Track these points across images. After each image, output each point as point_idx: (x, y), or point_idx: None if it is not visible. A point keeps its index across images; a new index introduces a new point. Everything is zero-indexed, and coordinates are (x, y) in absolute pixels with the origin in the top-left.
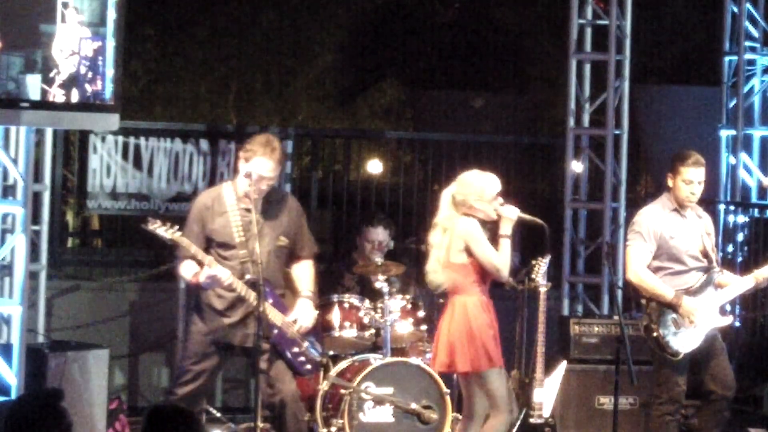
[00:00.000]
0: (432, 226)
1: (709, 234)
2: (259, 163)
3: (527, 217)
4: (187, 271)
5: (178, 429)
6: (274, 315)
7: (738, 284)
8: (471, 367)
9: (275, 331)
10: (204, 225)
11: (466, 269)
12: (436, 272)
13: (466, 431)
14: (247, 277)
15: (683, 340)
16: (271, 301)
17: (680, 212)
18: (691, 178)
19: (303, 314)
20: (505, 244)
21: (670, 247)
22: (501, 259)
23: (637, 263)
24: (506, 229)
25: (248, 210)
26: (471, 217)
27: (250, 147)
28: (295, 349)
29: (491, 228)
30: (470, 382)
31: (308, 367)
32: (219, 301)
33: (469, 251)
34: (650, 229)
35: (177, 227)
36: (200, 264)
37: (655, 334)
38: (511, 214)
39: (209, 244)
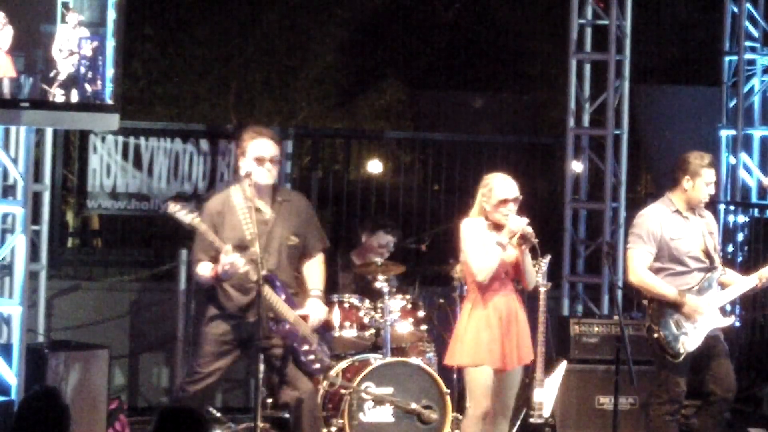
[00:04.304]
0: None
1: (712, 233)
2: (258, 145)
3: (529, 232)
4: (204, 269)
5: (189, 430)
6: (286, 311)
7: (741, 283)
8: (446, 359)
9: (287, 327)
10: (216, 230)
11: (467, 268)
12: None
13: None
14: (263, 273)
15: (684, 342)
16: (283, 297)
17: (682, 213)
18: (711, 180)
19: (314, 310)
20: (495, 251)
21: (671, 249)
22: (479, 261)
23: (638, 265)
24: (502, 237)
25: (258, 210)
26: (485, 218)
27: (241, 140)
28: (305, 347)
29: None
30: None
31: (317, 366)
32: (232, 304)
33: None
34: (650, 231)
35: (196, 213)
36: (215, 260)
37: (656, 335)
38: (512, 225)
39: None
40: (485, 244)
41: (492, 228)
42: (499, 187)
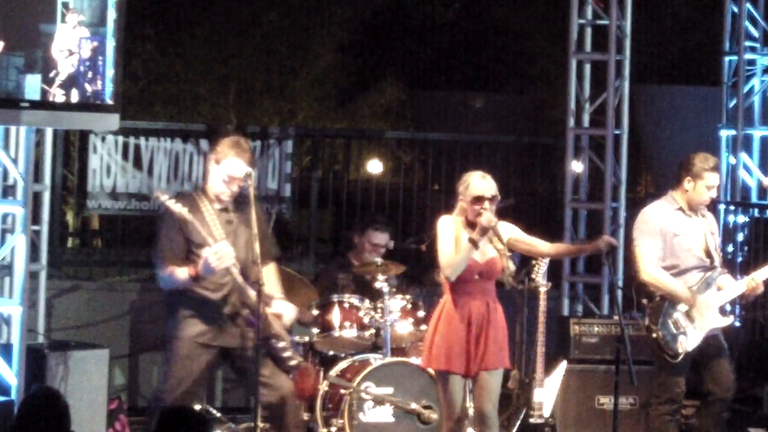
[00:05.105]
0: None
1: (713, 233)
2: (231, 164)
3: (497, 232)
4: (179, 273)
5: (189, 430)
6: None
7: (733, 288)
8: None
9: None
10: (182, 230)
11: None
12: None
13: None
14: (237, 269)
15: (682, 342)
16: (253, 294)
17: (685, 212)
18: (713, 183)
19: (285, 309)
20: (465, 248)
21: (673, 246)
22: (449, 258)
23: (648, 262)
24: (475, 234)
25: (224, 210)
26: (461, 216)
27: (221, 149)
28: (281, 344)
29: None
30: None
31: (293, 363)
32: (205, 306)
33: None
34: (655, 227)
35: (185, 207)
36: (181, 263)
37: (655, 335)
38: (483, 221)
39: (189, 248)
40: (457, 241)
41: (469, 227)
42: (475, 185)
